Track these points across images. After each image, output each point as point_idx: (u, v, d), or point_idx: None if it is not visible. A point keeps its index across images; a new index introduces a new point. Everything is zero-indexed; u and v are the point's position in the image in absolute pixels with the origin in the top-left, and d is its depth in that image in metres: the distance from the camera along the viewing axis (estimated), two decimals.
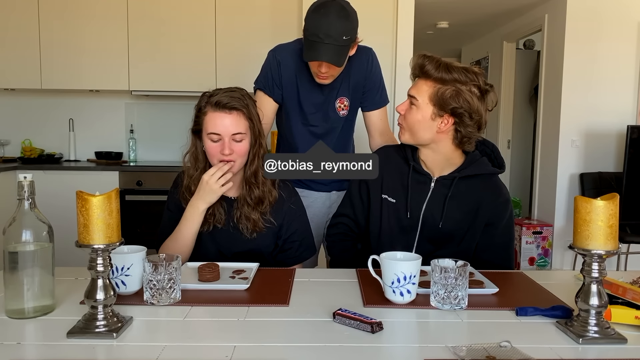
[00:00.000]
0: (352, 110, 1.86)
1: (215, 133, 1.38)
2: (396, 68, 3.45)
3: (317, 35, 1.54)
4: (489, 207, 1.44)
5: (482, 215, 1.43)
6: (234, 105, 1.39)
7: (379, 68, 1.86)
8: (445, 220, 1.43)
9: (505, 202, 1.46)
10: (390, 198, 1.49)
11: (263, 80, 1.80)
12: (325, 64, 1.61)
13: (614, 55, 3.94)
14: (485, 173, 1.44)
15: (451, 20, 5.11)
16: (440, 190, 1.45)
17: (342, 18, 1.55)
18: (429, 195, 1.45)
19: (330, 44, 1.54)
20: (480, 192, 1.44)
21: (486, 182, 1.45)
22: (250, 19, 3.67)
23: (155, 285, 1.08)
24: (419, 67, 1.38)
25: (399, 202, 1.48)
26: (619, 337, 0.93)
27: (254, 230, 1.46)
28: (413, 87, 1.41)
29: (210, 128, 1.39)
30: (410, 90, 1.41)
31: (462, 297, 1.07)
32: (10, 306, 1.02)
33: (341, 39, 1.55)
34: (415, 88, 1.40)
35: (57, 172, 3.51)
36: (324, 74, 1.65)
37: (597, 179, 3.92)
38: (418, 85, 1.39)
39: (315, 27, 1.55)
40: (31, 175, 1.02)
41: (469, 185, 1.44)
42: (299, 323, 1.01)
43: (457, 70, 1.33)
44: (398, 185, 1.49)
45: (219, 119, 1.38)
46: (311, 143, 1.83)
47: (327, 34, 1.53)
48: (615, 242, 0.94)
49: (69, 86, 3.71)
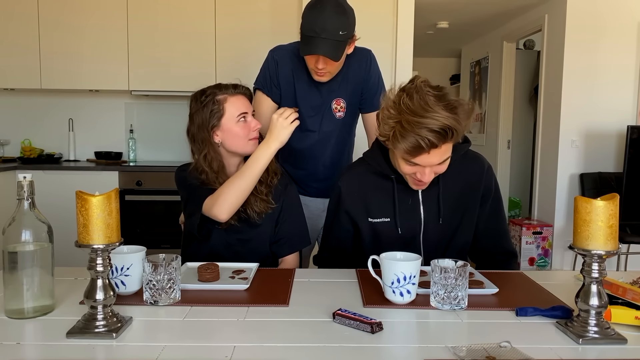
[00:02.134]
0: (350, 114, 1.83)
1: (244, 112, 1.47)
2: (396, 68, 3.45)
3: (313, 30, 1.54)
4: (477, 179, 1.43)
5: (475, 188, 1.43)
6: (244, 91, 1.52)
7: (377, 69, 1.84)
8: (444, 213, 1.41)
9: (489, 168, 1.46)
10: (384, 218, 1.42)
11: (262, 79, 1.80)
12: (322, 59, 1.60)
13: (614, 55, 3.94)
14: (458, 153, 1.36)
15: (451, 20, 5.11)
16: (431, 189, 1.40)
17: (338, 13, 1.55)
18: (421, 199, 1.41)
19: (326, 39, 1.54)
20: (464, 170, 1.42)
21: (465, 161, 1.42)
22: (250, 19, 3.67)
23: (154, 285, 1.07)
24: (434, 145, 1.19)
25: (392, 220, 1.41)
26: (619, 337, 0.93)
27: (262, 212, 1.49)
28: (437, 156, 1.23)
29: (238, 109, 1.47)
30: (434, 159, 1.23)
31: (462, 297, 1.07)
32: (9, 306, 1.02)
33: (337, 33, 1.55)
34: (439, 156, 1.23)
35: (56, 172, 3.51)
36: (321, 70, 1.64)
37: (597, 179, 3.92)
38: (439, 152, 1.22)
39: (311, 23, 1.55)
40: (31, 175, 1.02)
41: (453, 170, 1.35)
42: (299, 323, 1.00)
43: (466, 119, 1.22)
44: (387, 204, 1.41)
45: (241, 100, 1.49)
46: (307, 146, 1.84)
47: (323, 29, 1.53)
48: (615, 242, 0.94)
49: (69, 86, 3.70)
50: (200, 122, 1.46)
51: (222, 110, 1.45)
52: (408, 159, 1.24)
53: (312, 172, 1.88)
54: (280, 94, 1.79)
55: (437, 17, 4.99)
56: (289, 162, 1.86)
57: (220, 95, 1.46)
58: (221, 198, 1.38)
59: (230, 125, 1.46)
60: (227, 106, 1.46)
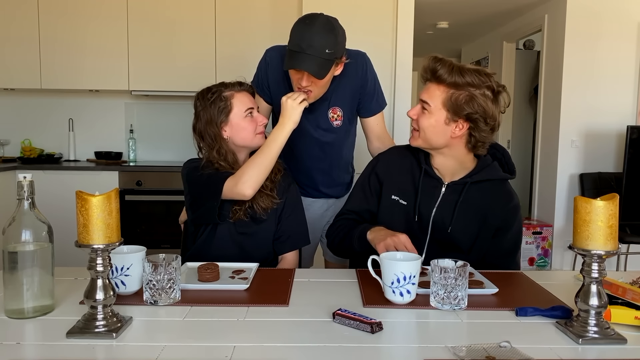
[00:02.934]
0: (348, 120, 1.79)
1: (250, 107, 1.51)
2: (396, 68, 3.44)
3: (299, 45, 1.49)
4: (498, 212, 1.41)
5: (492, 220, 1.41)
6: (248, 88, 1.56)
7: (373, 72, 1.79)
8: (455, 225, 1.40)
9: (515, 207, 1.44)
10: (402, 200, 1.46)
11: (255, 80, 1.78)
12: (306, 77, 1.53)
13: (613, 55, 3.94)
14: (496, 178, 1.42)
15: (451, 20, 5.11)
16: (451, 195, 1.42)
17: (327, 31, 1.50)
18: (439, 200, 1.43)
19: (311, 55, 1.47)
20: (490, 197, 1.41)
21: (497, 188, 1.43)
22: (250, 19, 3.67)
23: (154, 285, 1.07)
24: (430, 71, 1.34)
25: (409, 205, 1.45)
26: (618, 337, 0.93)
27: (267, 207, 1.52)
28: (425, 92, 1.36)
29: (245, 105, 1.51)
30: (422, 94, 1.37)
31: (462, 297, 1.07)
32: (9, 306, 1.02)
33: (324, 51, 1.48)
34: (427, 93, 1.36)
35: (56, 172, 3.51)
36: (305, 88, 1.56)
37: (597, 179, 3.92)
38: (430, 90, 1.35)
39: (298, 37, 1.50)
40: (31, 175, 1.02)
41: (479, 190, 1.41)
42: (299, 323, 1.00)
43: (470, 74, 1.29)
44: (409, 187, 1.46)
45: (247, 97, 1.53)
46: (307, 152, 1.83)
47: (310, 45, 1.47)
48: (615, 242, 0.94)
49: (69, 86, 3.70)
50: (209, 118, 1.49)
51: (230, 106, 1.49)
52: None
53: (312, 175, 1.87)
54: (271, 95, 1.76)
55: (437, 17, 4.99)
56: (288, 164, 1.86)
57: (226, 92, 1.50)
58: (245, 175, 1.43)
59: (238, 120, 1.50)
60: (234, 102, 1.50)
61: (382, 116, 1.87)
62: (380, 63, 1.86)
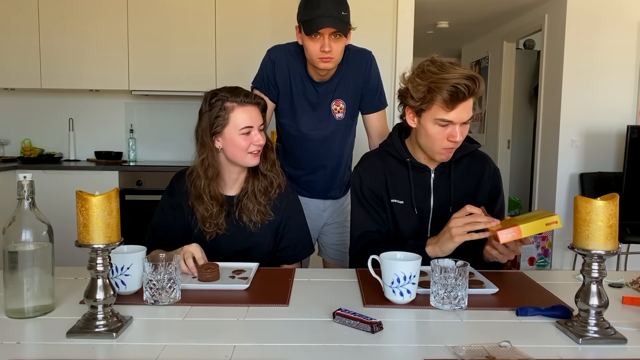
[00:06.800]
0: (350, 115, 1.83)
1: (249, 126, 1.43)
2: (396, 68, 3.45)
3: (315, 13, 1.59)
4: (487, 180, 1.51)
5: (484, 189, 1.50)
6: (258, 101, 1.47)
7: (377, 71, 1.85)
8: (454, 204, 1.44)
9: (497, 170, 1.55)
10: (399, 200, 1.50)
11: (259, 79, 1.80)
12: (328, 41, 1.61)
13: (614, 55, 3.94)
14: (471, 150, 1.50)
15: (451, 20, 5.11)
16: (441, 178, 1.48)
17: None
18: (432, 187, 1.48)
19: (332, 17, 1.59)
20: (475, 169, 1.51)
21: (475, 159, 1.52)
22: (250, 19, 3.67)
23: (155, 285, 1.08)
24: (471, 90, 1.31)
25: (406, 202, 1.49)
26: (618, 337, 0.93)
27: (257, 222, 1.48)
28: (466, 111, 1.34)
29: (244, 122, 1.43)
30: (464, 114, 1.34)
31: (462, 297, 1.07)
32: (10, 306, 1.02)
33: (340, 13, 1.61)
34: (468, 111, 1.35)
35: (56, 172, 3.51)
36: (327, 55, 1.63)
37: (597, 179, 3.92)
38: (469, 107, 1.35)
39: (313, 7, 1.60)
40: (31, 175, 1.02)
41: (463, 165, 1.50)
42: (299, 323, 1.00)
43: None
44: (402, 185, 1.49)
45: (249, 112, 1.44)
46: (308, 147, 1.84)
47: (327, 9, 1.59)
48: (615, 242, 0.94)
49: (69, 86, 3.70)
50: (205, 125, 1.44)
51: (227, 119, 1.42)
52: (443, 115, 1.33)
53: (313, 173, 1.88)
54: (278, 93, 1.79)
55: (437, 17, 4.99)
56: (289, 164, 1.86)
57: (228, 103, 1.42)
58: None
59: (232, 136, 1.43)
60: (232, 116, 1.42)
61: (384, 114, 1.92)
62: (380, 63, 1.88)
